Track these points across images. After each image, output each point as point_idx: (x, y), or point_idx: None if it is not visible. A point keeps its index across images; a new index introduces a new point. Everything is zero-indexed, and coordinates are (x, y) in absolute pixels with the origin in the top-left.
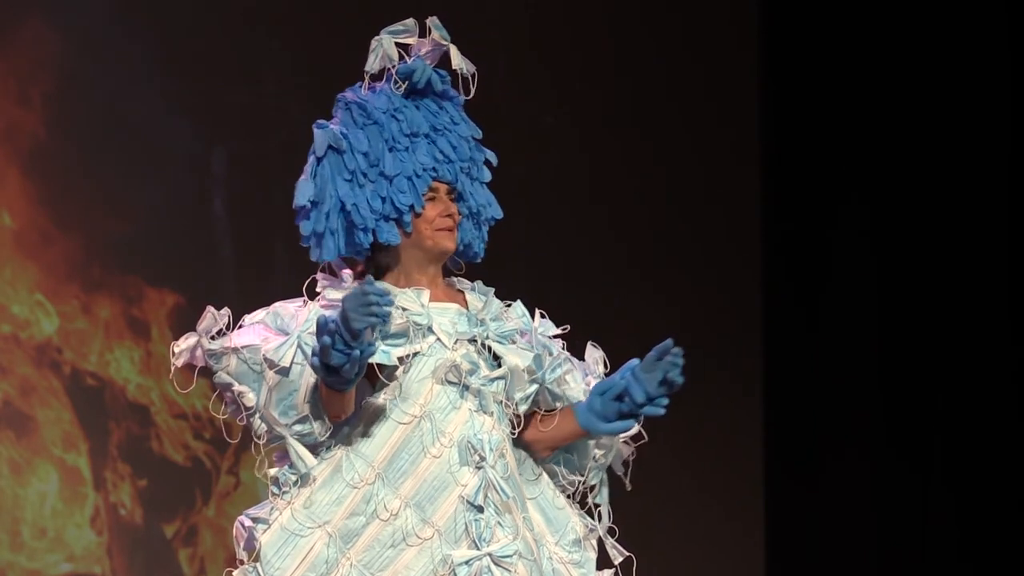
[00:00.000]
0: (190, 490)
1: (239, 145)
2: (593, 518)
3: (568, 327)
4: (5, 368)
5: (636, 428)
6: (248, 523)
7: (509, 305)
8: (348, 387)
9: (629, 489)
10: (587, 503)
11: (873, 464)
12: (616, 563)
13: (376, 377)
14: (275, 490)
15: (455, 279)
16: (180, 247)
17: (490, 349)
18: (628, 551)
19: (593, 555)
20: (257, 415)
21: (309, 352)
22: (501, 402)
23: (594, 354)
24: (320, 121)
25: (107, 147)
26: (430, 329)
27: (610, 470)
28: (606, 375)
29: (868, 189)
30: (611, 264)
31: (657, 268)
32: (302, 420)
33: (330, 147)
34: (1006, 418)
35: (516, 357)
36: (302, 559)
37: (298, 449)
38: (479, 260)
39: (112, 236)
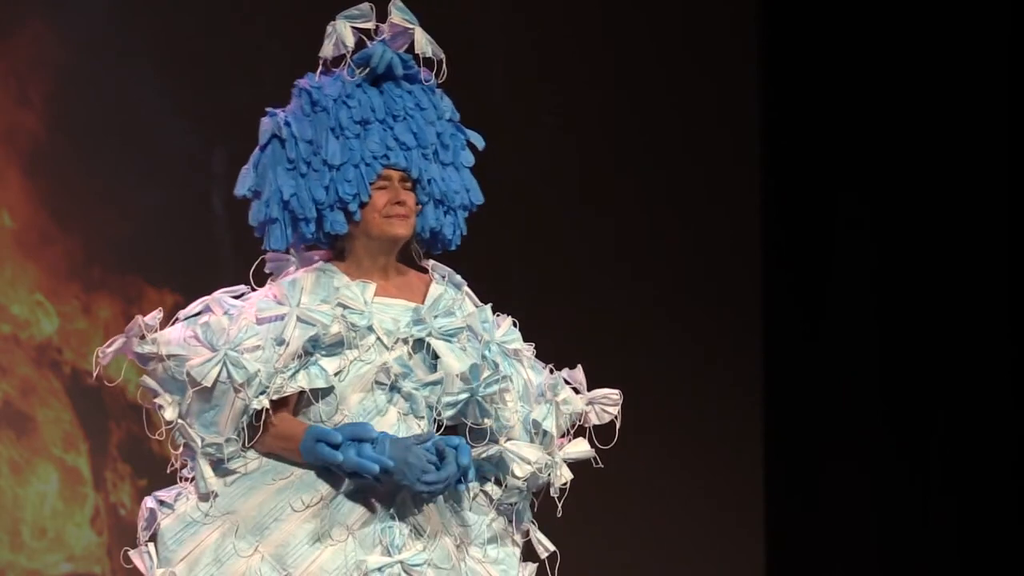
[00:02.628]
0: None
1: (239, 145)
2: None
3: (534, 344)
4: (5, 368)
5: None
6: (152, 505)
7: (478, 307)
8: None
9: (559, 515)
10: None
11: (873, 466)
12: (543, 557)
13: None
14: (185, 474)
15: (431, 263)
16: (180, 247)
17: (430, 348)
18: (629, 551)
19: (516, 550)
20: (175, 427)
21: (236, 371)
22: (432, 407)
23: (576, 375)
24: (270, 109)
25: (107, 147)
26: (370, 328)
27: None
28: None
29: (868, 190)
30: (610, 265)
31: (657, 270)
32: (218, 438)
33: (273, 135)
34: (1006, 420)
35: (454, 360)
36: (197, 545)
37: (204, 469)
38: (453, 248)
39: (112, 236)
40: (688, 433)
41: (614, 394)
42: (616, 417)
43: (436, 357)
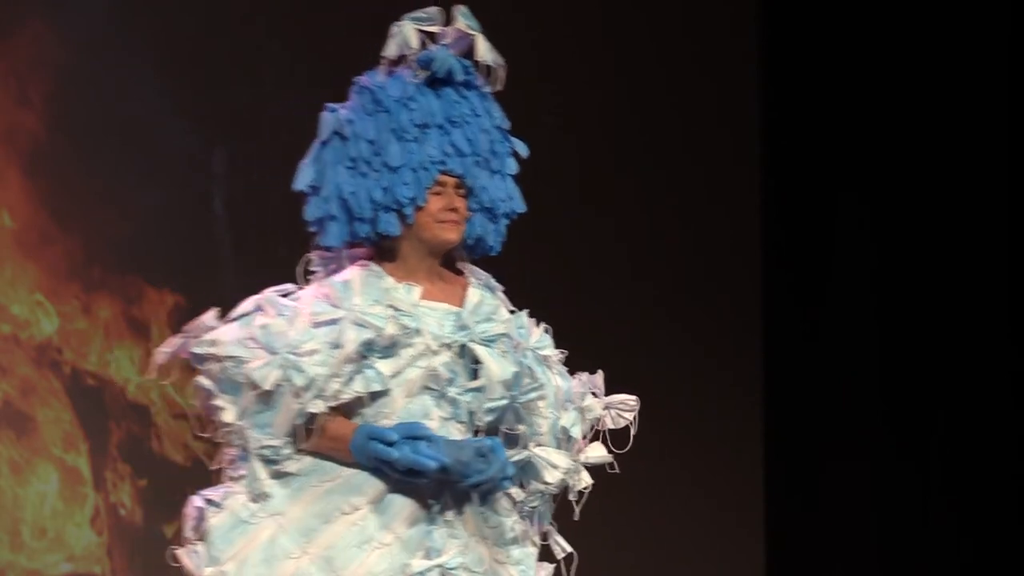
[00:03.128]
0: (190, 490)
1: (239, 145)
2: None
3: (567, 352)
4: (5, 368)
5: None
6: (200, 503)
7: (513, 312)
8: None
9: (576, 519)
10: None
11: (873, 466)
12: (559, 558)
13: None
14: (232, 473)
15: (467, 266)
16: (180, 247)
17: (470, 354)
18: (629, 551)
19: (534, 551)
20: (233, 429)
21: (295, 375)
22: (473, 412)
23: (596, 380)
24: (331, 105)
25: (107, 147)
26: (418, 331)
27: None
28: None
29: (868, 190)
30: (610, 266)
31: (656, 270)
32: (274, 440)
33: (334, 132)
34: (1006, 420)
35: (496, 367)
36: (246, 544)
37: (258, 470)
38: (493, 254)
39: (112, 236)
40: (688, 433)
41: (631, 399)
42: (632, 423)
43: (477, 362)
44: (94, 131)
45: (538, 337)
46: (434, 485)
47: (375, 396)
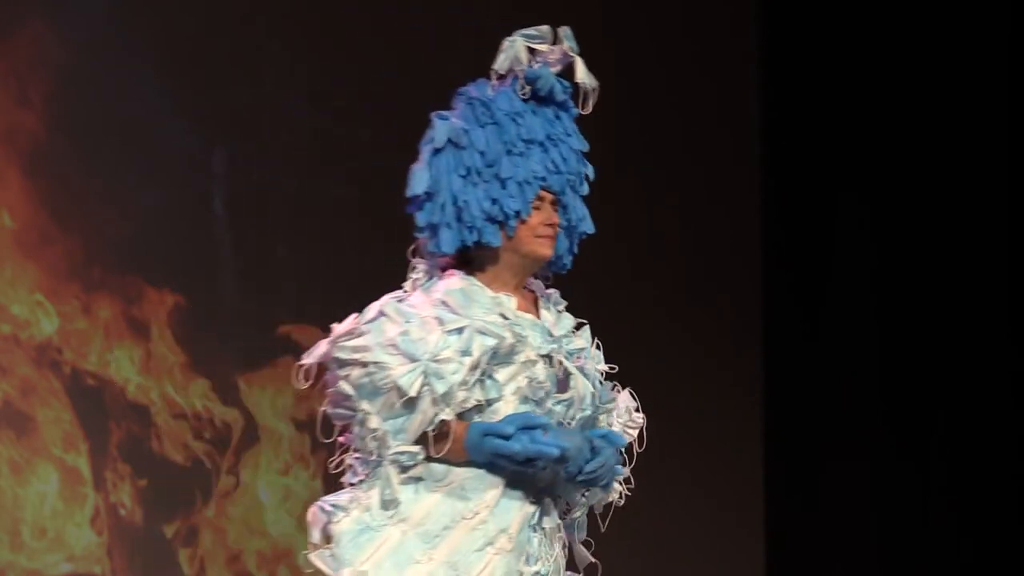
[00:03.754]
0: (190, 490)
1: (239, 145)
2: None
3: (616, 367)
4: (5, 368)
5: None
6: (327, 508)
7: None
8: None
9: (603, 531)
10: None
11: (873, 466)
12: (580, 568)
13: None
14: (352, 479)
15: (531, 281)
16: (180, 247)
17: (560, 365)
18: (629, 551)
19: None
20: (375, 434)
21: (436, 382)
22: (561, 423)
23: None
24: (441, 112)
25: (107, 147)
26: (526, 340)
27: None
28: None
29: (868, 190)
30: (610, 265)
31: (657, 270)
32: (407, 447)
33: (450, 140)
34: (1006, 420)
35: (583, 379)
36: (377, 549)
37: (391, 476)
38: (565, 272)
39: (112, 236)
40: (688, 433)
41: (638, 417)
42: (635, 441)
43: (566, 374)
44: (94, 131)
45: (594, 352)
46: (534, 490)
47: (490, 403)
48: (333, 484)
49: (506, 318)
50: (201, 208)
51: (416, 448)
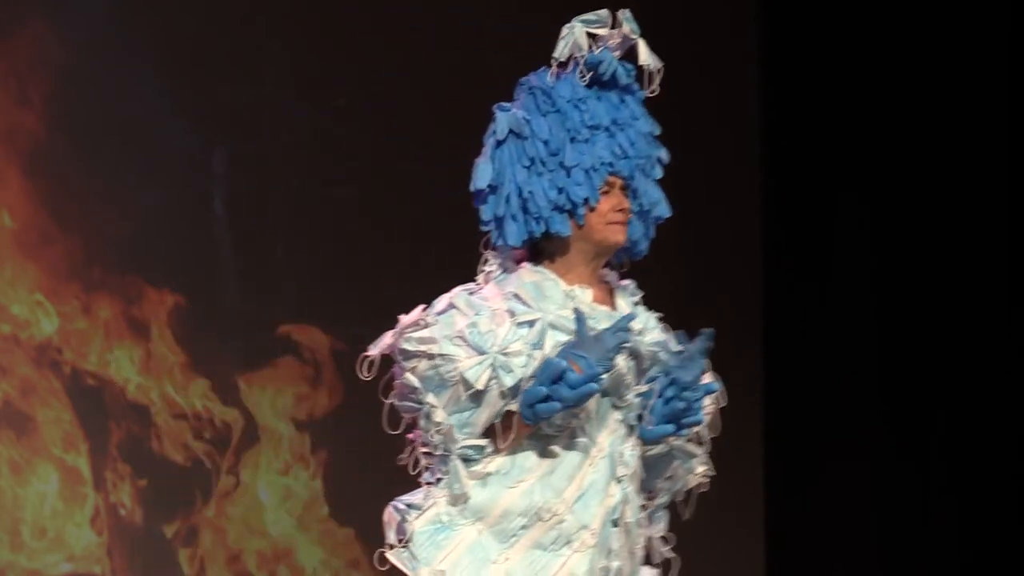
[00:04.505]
0: (190, 490)
1: (239, 145)
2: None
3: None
4: (5, 368)
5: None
6: (401, 507)
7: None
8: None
9: (686, 519)
10: None
11: (873, 466)
12: (656, 563)
13: None
14: (429, 478)
15: (605, 272)
16: (180, 247)
17: (639, 357)
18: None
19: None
20: (441, 428)
21: (504, 375)
22: (640, 416)
23: None
24: (502, 104)
25: (107, 147)
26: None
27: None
28: None
29: (868, 190)
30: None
31: (656, 269)
32: (474, 440)
33: (511, 131)
34: (1006, 420)
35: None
36: (454, 548)
37: (459, 471)
38: (641, 258)
39: (112, 236)
40: None
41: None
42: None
43: (642, 367)
44: (94, 131)
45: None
46: (616, 477)
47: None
48: (333, 484)
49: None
50: (201, 208)
51: (483, 442)
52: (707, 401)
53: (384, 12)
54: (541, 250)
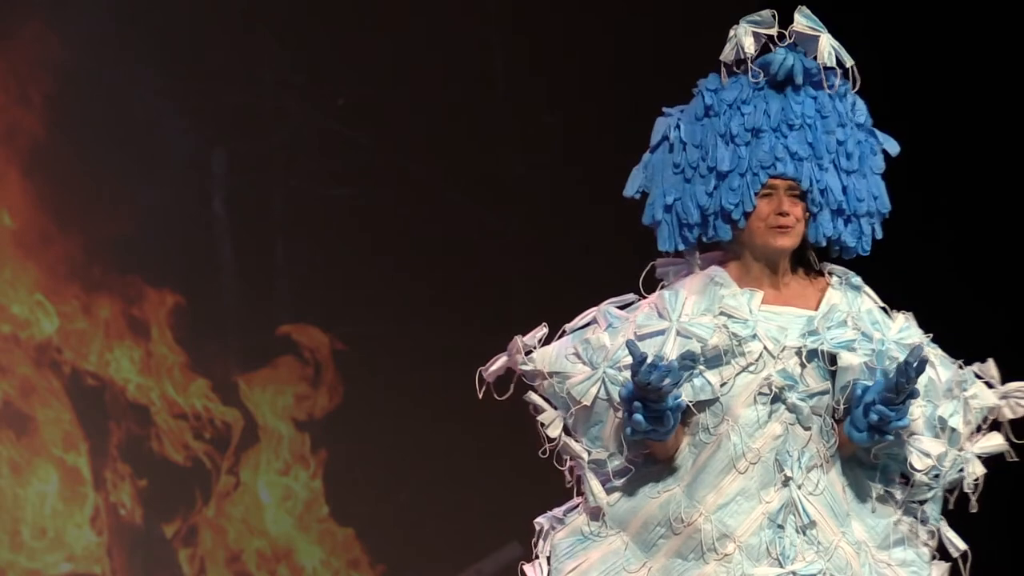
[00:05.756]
0: (190, 490)
1: (239, 145)
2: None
3: (931, 335)
4: (5, 368)
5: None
6: (545, 521)
7: (885, 311)
8: (666, 437)
9: (974, 511)
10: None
11: None
12: (955, 556)
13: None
14: (579, 489)
15: (831, 266)
16: (180, 247)
17: (824, 356)
18: None
19: (925, 550)
20: (559, 444)
21: (616, 389)
22: (822, 416)
23: (989, 370)
24: (667, 109)
25: (107, 147)
26: (754, 337)
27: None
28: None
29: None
30: (611, 265)
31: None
32: (604, 452)
33: (663, 137)
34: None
35: (854, 357)
36: (586, 559)
37: (592, 483)
38: (862, 255)
39: (112, 236)
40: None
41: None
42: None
43: (833, 364)
44: (94, 131)
45: (900, 326)
46: (775, 483)
47: (708, 405)
48: (333, 484)
49: (730, 317)
50: (201, 208)
51: (605, 455)
52: (915, 408)
53: (384, 12)
54: (731, 253)
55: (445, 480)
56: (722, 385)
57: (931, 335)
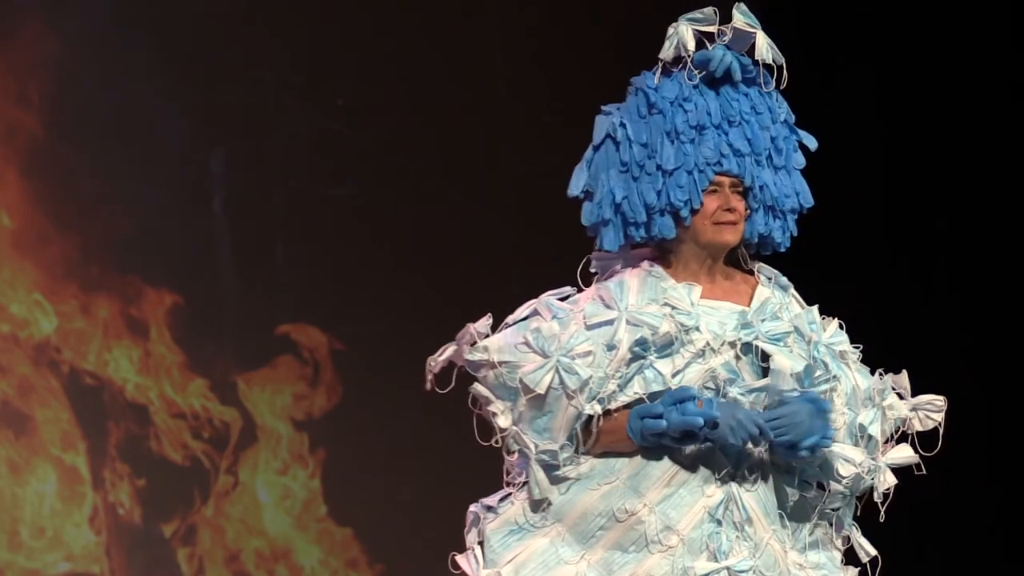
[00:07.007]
0: (189, 490)
1: (239, 145)
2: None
3: (861, 347)
4: (4, 368)
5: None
6: (477, 510)
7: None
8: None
9: (882, 520)
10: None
11: None
12: (864, 561)
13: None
14: (513, 480)
15: (758, 264)
16: (179, 247)
17: (759, 352)
18: None
19: (837, 555)
20: (509, 433)
21: (569, 377)
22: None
23: (900, 380)
24: (606, 107)
25: (107, 147)
26: (696, 329)
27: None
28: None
29: (868, 190)
30: None
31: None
32: (552, 445)
33: (607, 136)
34: (1006, 420)
35: (787, 361)
36: (524, 549)
37: (537, 475)
38: (782, 250)
39: (111, 236)
40: None
41: (938, 400)
42: (940, 424)
43: (765, 361)
44: (94, 131)
45: (832, 332)
46: (716, 481)
47: (658, 396)
48: (331, 484)
49: (674, 308)
50: (200, 208)
51: (557, 446)
52: (838, 422)
53: (384, 12)
54: (663, 250)
55: (444, 480)
56: (674, 375)
57: (859, 347)
